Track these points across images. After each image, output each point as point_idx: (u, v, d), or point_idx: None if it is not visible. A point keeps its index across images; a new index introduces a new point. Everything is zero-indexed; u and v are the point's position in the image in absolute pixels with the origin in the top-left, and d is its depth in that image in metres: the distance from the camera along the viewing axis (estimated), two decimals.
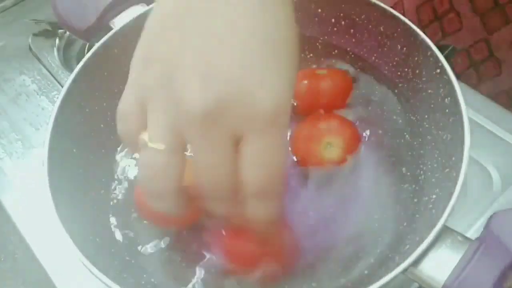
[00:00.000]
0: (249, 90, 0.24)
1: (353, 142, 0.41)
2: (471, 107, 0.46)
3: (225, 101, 0.24)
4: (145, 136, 0.26)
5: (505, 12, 0.50)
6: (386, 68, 0.45)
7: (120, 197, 0.41)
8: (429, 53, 0.39)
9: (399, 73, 0.44)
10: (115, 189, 0.41)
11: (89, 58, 0.41)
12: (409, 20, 0.40)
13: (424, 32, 0.39)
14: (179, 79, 0.24)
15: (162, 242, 0.38)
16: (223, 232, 0.35)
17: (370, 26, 0.44)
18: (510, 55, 0.53)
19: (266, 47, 0.25)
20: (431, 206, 0.36)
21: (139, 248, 0.38)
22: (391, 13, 0.42)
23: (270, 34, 0.25)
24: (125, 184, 0.41)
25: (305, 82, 0.44)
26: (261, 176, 0.25)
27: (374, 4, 0.42)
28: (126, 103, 0.27)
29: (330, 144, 0.40)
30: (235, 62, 0.24)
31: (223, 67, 0.24)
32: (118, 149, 0.43)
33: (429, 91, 0.40)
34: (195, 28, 0.25)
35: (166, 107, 0.25)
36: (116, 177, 0.42)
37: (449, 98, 0.37)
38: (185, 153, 0.26)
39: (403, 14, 0.58)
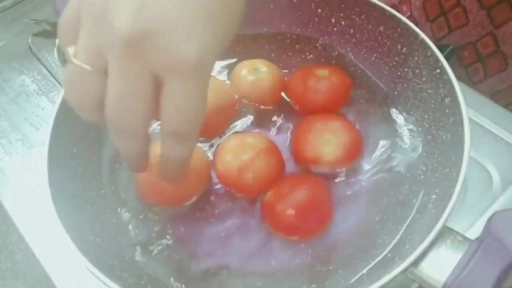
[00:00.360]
0: (178, 33, 0.25)
1: (354, 148, 0.40)
2: (471, 107, 0.46)
3: (151, 35, 0.25)
4: (71, 50, 0.27)
5: None
6: (386, 68, 0.45)
7: (120, 197, 0.41)
8: (429, 53, 0.39)
9: (399, 73, 0.44)
10: (115, 189, 0.41)
11: None
12: (416, 15, 0.40)
13: (431, 27, 0.39)
14: (116, 3, 0.25)
15: (162, 242, 0.38)
16: None
17: (370, 26, 0.44)
18: None
19: (208, 4, 0.26)
20: (431, 206, 0.36)
21: (139, 248, 0.38)
22: (391, 13, 0.42)
23: None
24: (126, 185, 0.41)
25: (305, 81, 0.44)
26: (175, 119, 0.27)
27: (374, 4, 0.42)
28: (65, 14, 0.28)
29: (329, 141, 0.39)
30: (173, 4, 0.25)
31: (161, 4, 0.25)
32: None
33: (429, 91, 0.40)
34: None
35: (96, 26, 0.26)
36: (116, 177, 0.42)
37: (449, 98, 0.37)
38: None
39: (410, 10, 0.58)
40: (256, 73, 0.44)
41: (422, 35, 0.40)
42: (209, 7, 0.26)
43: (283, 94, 0.45)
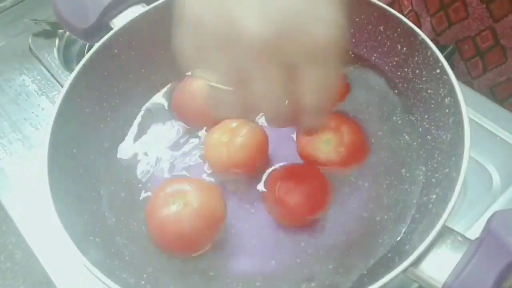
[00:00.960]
0: (308, 20, 0.25)
1: (356, 150, 0.40)
2: (471, 107, 0.46)
3: (283, 30, 0.24)
4: (206, 75, 0.28)
5: None
6: (386, 68, 0.45)
7: (120, 197, 0.41)
8: (429, 53, 0.39)
9: (399, 73, 0.44)
10: (115, 189, 0.41)
11: (89, 58, 0.41)
12: (418, 9, 0.40)
13: (431, 21, 0.38)
14: (238, 14, 0.25)
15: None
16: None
17: (370, 26, 0.44)
18: None
19: None
20: (431, 206, 0.36)
21: (139, 248, 0.38)
22: (391, 13, 0.42)
23: None
24: (125, 184, 0.41)
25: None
26: (316, 99, 0.28)
27: (374, 4, 0.42)
28: (183, 43, 0.28)
29: (329, 140, 0.40)
30: None
31: (283, 1, 0.25)
32: (118, 149, 0.43)
33: (429, 91, 0.40)
34: None
35: (223, 43, 0.26)
36: (116, 177, 0.42)
37: (449, 98, 0.37)
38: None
39: (412, 4, 0.58)
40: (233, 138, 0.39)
41: (422, 35, 0.40)
42: None
43: None
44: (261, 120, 0.41)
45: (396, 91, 0.44)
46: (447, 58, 0.54)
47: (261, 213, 0.39)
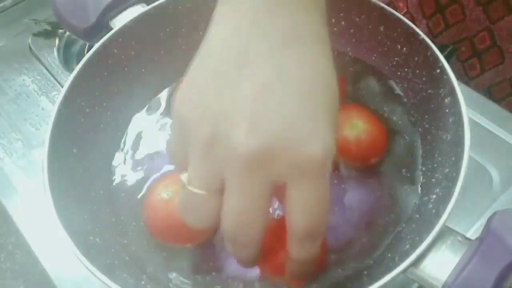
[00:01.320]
0: (299, 139, 0.24)
1: (377, 138, 0.40)
2: (471, 107, 0.46)
3: (272, 149, 0.24)
4: (184, 176, 0.26)
5: (508, 1, 0.50)
6: (386, 68, 0.45)
7: (120, 197, 0.41)
8: (429, 53, 0.39)
9: (399, 73, 0.44)
10: (114, 189, 0.41)
11: (89, 58, 0.41)
12: (413, 11, 0.40)
13: (427, 23, 0.38)
14: (225, 123, 0.24)
15: (162, 244, 0.38)
16: None
17: (370, 26, 0.44)
18: None
19: (316, 96, 0.25)
20: (431, 206, 0.36)
21: (139, 248, 0.38)
22: (391, 13, 0.42)
23: (320, 83, 0.25)
24: (125, 185, 0.41)
25: None
26: (307, 220, 0.25)
27: (374, 4, 0.42)
28: (172, 143, 0.27)
29: (356, 125, 0.39)
30: (285, 111, 0.24)
31: (273, 115, 0.24)
32: (118, 149, 0.43)
33: (429, 91, 0.40)
34: (243, 74, 0.24)
35: (208, 150, 0.25)
36: (116, 177, 0.42)
37: (449, 98, 0.37)
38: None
39: (407, 6, 0.58)
40: None
41: (422, 35, 0.40)
42: (322, 104, 0.25)
43: None
44: None
45: (396, 91, 0.44)
46: (447, 58, 0.54)
47: None
